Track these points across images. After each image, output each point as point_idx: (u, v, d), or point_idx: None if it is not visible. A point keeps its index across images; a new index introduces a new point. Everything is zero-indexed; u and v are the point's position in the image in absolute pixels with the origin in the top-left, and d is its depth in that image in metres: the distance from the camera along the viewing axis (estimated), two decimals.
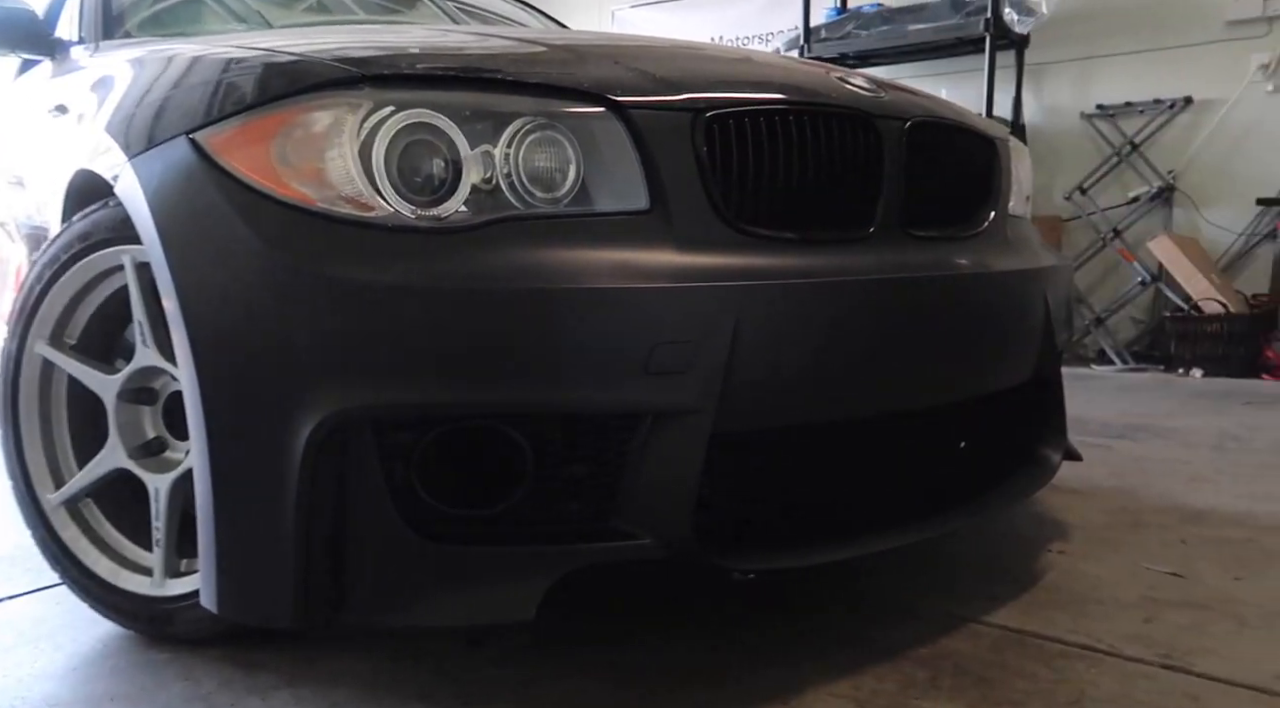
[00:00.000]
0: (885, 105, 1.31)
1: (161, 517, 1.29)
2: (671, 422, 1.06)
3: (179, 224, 1.09)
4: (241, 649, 1.28)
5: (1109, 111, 4.64)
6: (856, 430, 1.32)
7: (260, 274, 1.03)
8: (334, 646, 1.30)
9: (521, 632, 1.33)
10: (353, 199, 1.06)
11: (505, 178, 1.09)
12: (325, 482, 1.02)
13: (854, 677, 1.20)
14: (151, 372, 1.32)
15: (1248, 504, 1.98)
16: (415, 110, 1.07)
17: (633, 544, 1.07)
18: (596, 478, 1.09)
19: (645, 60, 1.26)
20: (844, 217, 1.27)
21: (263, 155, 1.08)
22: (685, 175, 1.13)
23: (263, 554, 1.04)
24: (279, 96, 1.09)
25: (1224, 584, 1.52)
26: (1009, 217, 1.58)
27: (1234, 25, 4.35)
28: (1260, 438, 2.69)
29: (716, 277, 1.09)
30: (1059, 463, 1.54)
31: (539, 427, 1.07)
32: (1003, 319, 1.38)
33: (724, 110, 1.16)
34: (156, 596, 1.29)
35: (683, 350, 1.05)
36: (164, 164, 1.13)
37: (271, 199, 1.06)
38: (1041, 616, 1.39)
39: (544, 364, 1.02)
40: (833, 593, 1.48)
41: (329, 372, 1.01)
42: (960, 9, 4.53)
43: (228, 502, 1.05)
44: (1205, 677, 1.20)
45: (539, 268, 1.04)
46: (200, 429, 1.06)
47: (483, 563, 1.05)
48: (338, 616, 1.05)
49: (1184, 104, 4.47)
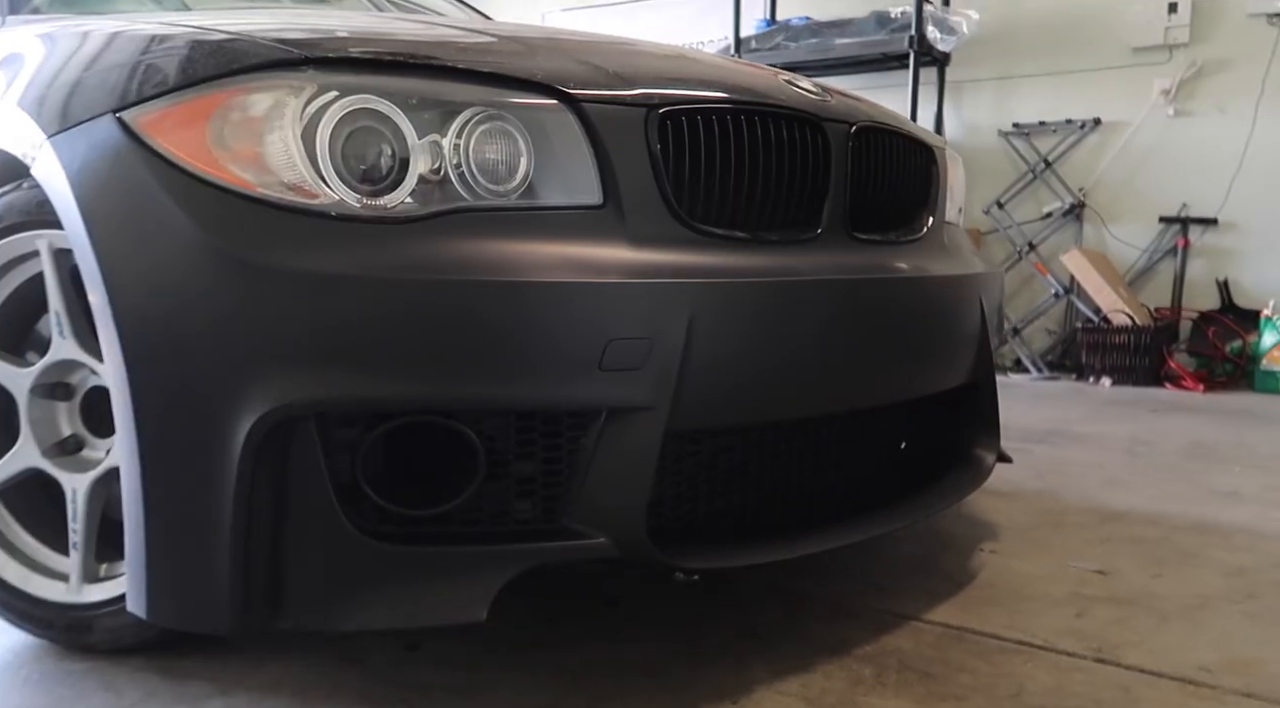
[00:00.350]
0: (832, 109, 1.33)
1: (79, 519, 1.22)
2: (626, 419, 1.05)
3: (106, 208, 1.03)
4: (167, 658, 1.21)
5: (1024, 130, 4.82)
6: (800, 430, 1.33)
7: (196, 262, 0.98)
8: (267, 652, 1.25)
9: (461, 635, 1.29)
10: (295, 186, 1.02)
11: (455, 169, 1.06)
12: (265, 480, 0.98)
13: (801, 674, 1.21)
14: (69, 365, 1.25)
15: (1160, 505, 2.07)
16: (361, 96, 1.04)
17: (586, 543, 1.05)
18: (549, 476, 1.07)
19: (597, 55, 1.24)
20: (791, 217, 1.28)
21: (197, 137, 1.03)
22: (639, 171, 1.13)
23: (198, 557, 0.98)
24: (216, 76, 1.04)
25: (1145, 581, 1.58)
26: (945, 223, 1.62)
27: (1139, 52, 4.57)
28: (1167, 443, 2.81)
29: (671, 274, 1.09)
30: (993, 465, 1.58)
31: (490, 423, 1.04)
32: (943, 322, 1.41)
33: (677, 107, 1.16)
34: (73, 603, 1.22)
35: (638, 347, 1.04)
36: (88, 144, 1.07)
37: (207, 183, 1.01)
38: (978, 613, 1.42)
39: (496, 359, 1.00)
40: (773, 593, 1.48)
41: (271, 365, 0.96)
42: (885, 25, 4.65)
43: (160, 502, 0.99)
44: (1134, 669, 1.24)
45: (491, 261, 1.02)
46: (129, 426, 1.00)
47: (431, 564, 1.01)
48: (276, 620, 1.01)
49: (1093, 125, 4.68)
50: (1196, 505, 2.07)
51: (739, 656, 1.26)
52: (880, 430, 1.46)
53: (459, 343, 0.99)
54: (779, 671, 1.22)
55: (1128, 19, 4.55)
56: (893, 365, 1.33)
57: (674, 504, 1.20)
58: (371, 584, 1.01)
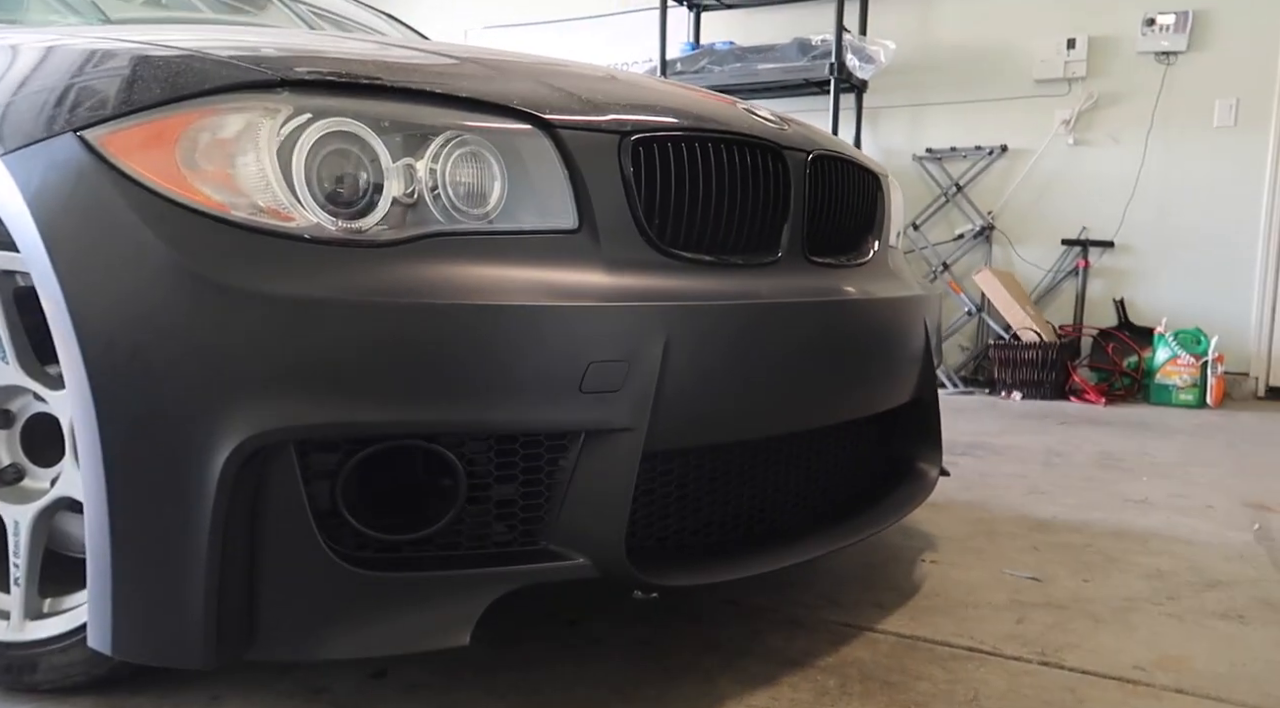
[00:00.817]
0: (791, 137, 1.38)
1: (22, 553, 1.16)
2: (605, 440, 1.07)
3: (69, 230, 0.99)
4: (119, 695, 1.17)
5: (937, 155, 5.03)
6: (763, 448, 1.36)
7: (167, 285, 0.96)
8: (224, 686, 1.21)
9: (426, 660, 1.28)
10: (270, 208, 1.00)
11: (430, 192, 1.06)
12: (242, 508, 0.95)
13: (768, 688, 1.24)
14: (10, 391, 1.19)
15: (1081, 513, 2.19)
16: (337, 118, 1.03)
17: (567, 565, 1.06)
18: (529, 498, 1.07)
19: (564, 79, 1.26)
20: (753, 242, 1.32)
21: (166, 157, 1.00)
22: (612, 196, 1.15)
23: (168, 589, 0.95)
24: (187, 96, 1.02)
25: (1076, 586, 1.67)
26: (889, 247, 1.69)
27: (1041, 83, 4.84)
28: (1079, 454, 2.97)
29: (646, 297, 1.11)
30: (937, 478, 1.65)
31: (471, 446, 1.04)
32: (894, 342, 1.47)
33: (648, 133, 1.19)
34: (16, 640, 1.16)
35: (617, 369, 1.06)
36: (47, 163, 1.03)
37: (178, 205, 0.99)
38: (927, 622, 1.48)
39: (479, 383, 1.00)
40: (729, 608, 1.51)
41: (248, 391, 0.94)
42: (807, 52, 4.80)
43: (127, 534, 0.96)
44: (1077, 670, 1.31)
45: (470, 284, 1.02)
46: (95, 454, 0.96)
47: (413, 589, 1.01)
48: (251, 650, 0.98)
49: (1000, 151, 4.92)
50: (1113, 513, 2.20)
51: (705, 672, 1.29)
52: (835, 447, 1.51)
53: (440, 367, 0.99)
54: (746, 685, 1.25)
55: (1030, 52, 4.82)
56: (850, 384, 1.38)
57: (646, 524, 1.21)
58: (350, 611, 1.00)
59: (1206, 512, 2.23)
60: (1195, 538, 1.99)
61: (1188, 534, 2.02)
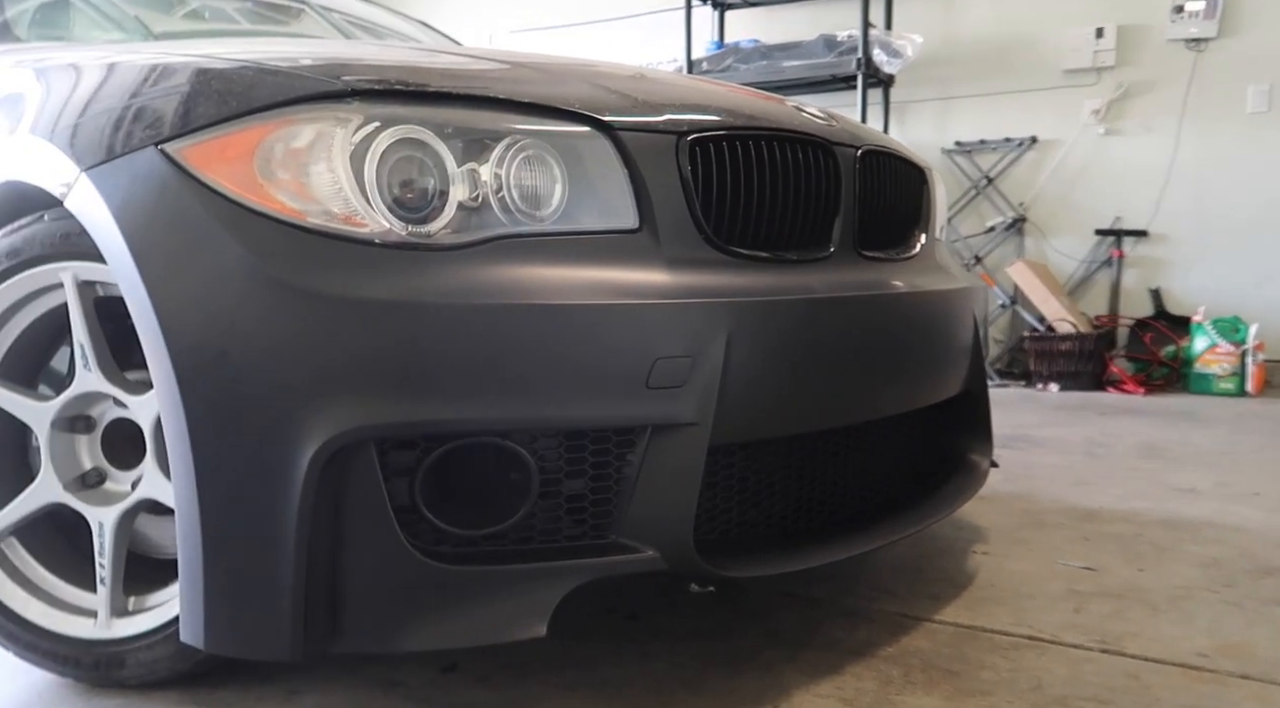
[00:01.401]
0: (840, 134, 1.39)
1: (107, 553, 1.20)
2: (672, 435, 1.09)
3: (155, 240, 1.03)
4: (202, 690, 1.20)
5: (966, 148, 5.01)
6: (822, 441, 1.38)
7: (250, 291, 0.99)
8: (301, 680, 1.24)
9: (495, 654, 1.31)
10: (343, 215, 1.03)
11: (495, 195, 1.09)
12: (326, 505, 0.99)
13: (833, 677, 1.25)
14: (91, 397, 1.23)
15: (1128, 503, 2.18)
16: (405, 126, 1.06)
17: (637, 557, 1.08)
18: (598, 493, 1.10)
19: (617, 82, 1.29)
20: (806, 238, 1.33)
21: (244, 168, 1.04)
22: (671, 195, 1.17)
23: (258, 585, 0.99)
24: (262, 108, 1.05)
25: (1131, 575, 1.67)
26: (935, 240, 1.70)
27: (1070, 74, 4.80)
28: (1121, 444, 2.96)
29: (707, 294, 1.13)
30: (988, 469, 1.66)
31: (542, 443, 1.07)
32: (945, 335, 1.48)
33: (705, 133, 1.21)
34: (103, 638, 1.20)
35: (682, 365, 1.08)
36: (131, 177, 1.06)
37: (257, 213, 1.02)
38: (984, 612, 1.49)
39: (547, 380, 1.03)
40: (788, 600, 1.53)
41: (331, 391, 0.98)
42: (833, 48, 4.80)
43: (218, 532, 0.99)
44: (1139, 658, 1.32)
45: (536, 285, 1.05)
46: (185, 456, 1.00)
47: (491, 582, 1.03)
48: (336, 643, 1.01)
49: (1030, 143, 4.89)
50: (1161, 502, 2.19)
51: (769, 663, 1.30)
52: (890, 440, 1.52)
53: (510, 366, 1.02)
54: (810, 675, 1.26)
55: (1058, 43, 4.79)
56: (902, 376, 1.39)
57: (710, 516, 1.23)
58: (430, 604, 1.02)
59: (1255, 499, 2.22)
60: (1246, 525, 1.98)
61: (1238, 522, 2.01)
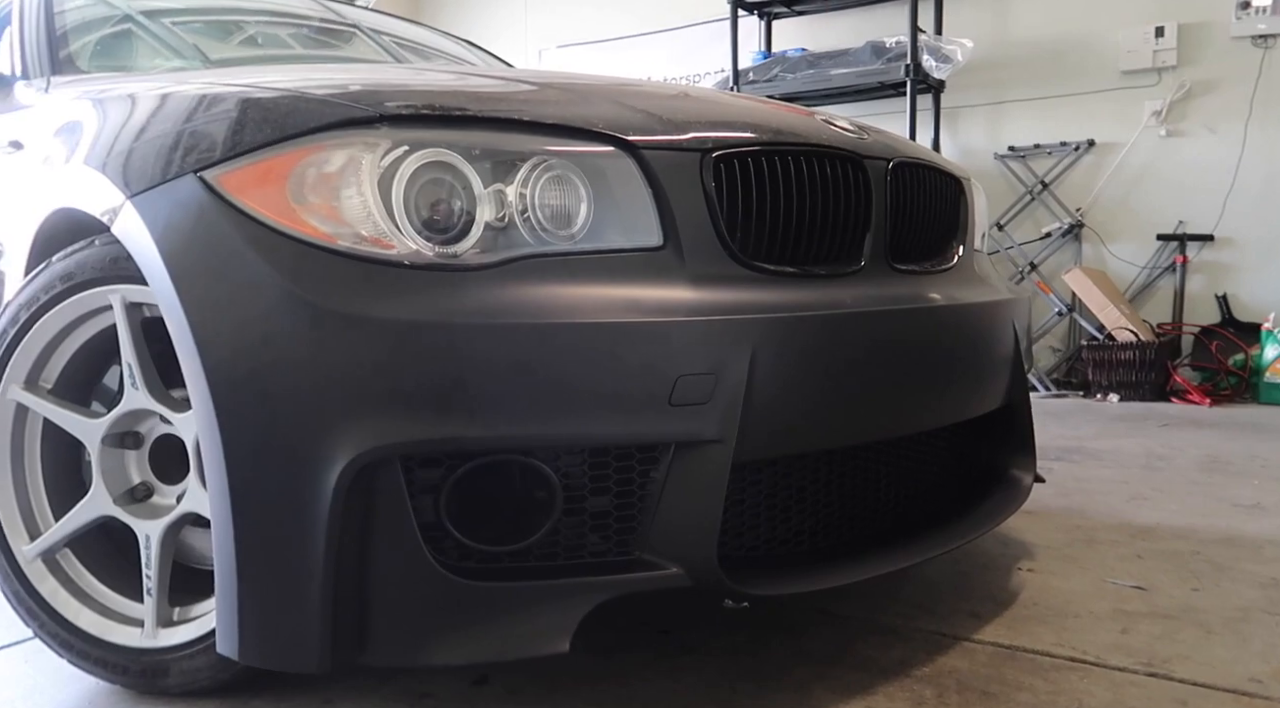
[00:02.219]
0: (871, 146, 1.38)
1: (153, 565, 1.24)
2: (695, 452, 1.09)
3: (192, 263, 1.07)
4: (240, 698, 1.24)
5: (1020, 153, 4.91)
6: (853, 457, 1.37)
7: (281, 313, 1.02)
8: (336, 691, 1.27)
9: (526, 669, 1.32)
10: (372, 237, 1.06)
11: (520, 216, 1.11)
12: (354, 521, 1.01)
13: (865, 697, 1.24)
14: (140, 414, 1.28)
15: (1186, 519, 2.11)
16: (432, 149, 1.09)
17: (661, 574, 1.08)
18: (622, 510, 1.10)
19: (645, 100, 1.30)
20: (836, 252, 1.32)
21: (277, 193, 1.07)
22: (695, 213, 1.17)
23: (288, 598, 1.01)
24: (295, 135, 1.09)
25: (1184, 595, 1.62)
26: (974, 251, 1.67)
27: (1129, 74, 4.68)
28: (1182, 457, 2.86)
29: (731, 310, 1.13)
30: (1031, 485, 1.62)
31: (566, 460, 1.08)
32: (981, 348, 1.46)
33: (730, 150, 1.21)
34: (149, 647, 1.24)
35: (705, 382, 1.08)
36: (171, 203, 1.11)
37: (290, 237, 1.05)
38: (1026, 631, 1.45)
39: (571, 398, 1.04)
40: (821, 618, 1.51)
41: (358, 410, 1.00)
42: (881, 55, 4.75)
43: (251, 546, 1.03)
44: (1187, 682, 1.27)
45: (561, 304, 1.06)
46: (220, 472, 1.03)
47: (515, 598, 1.04)
48: (364, 656, 1.03)
49: (1087, 146, 4.77)
50: (1221, 519, 2.11)
51: (800, 681, 1.29)
52: (927, 455, 1.50)
53: (535, 384, 1.03)
54: (842, 694, 1.25)
55: (1116, 43, 4.67)
56: (937, 392, 1.37)
57: (737, 533, 1.23)
58: (455, 620, 1.04)
59: None
60: None
61: None
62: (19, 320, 1.31)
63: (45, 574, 1.31)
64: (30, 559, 1.31)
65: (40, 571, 1.31)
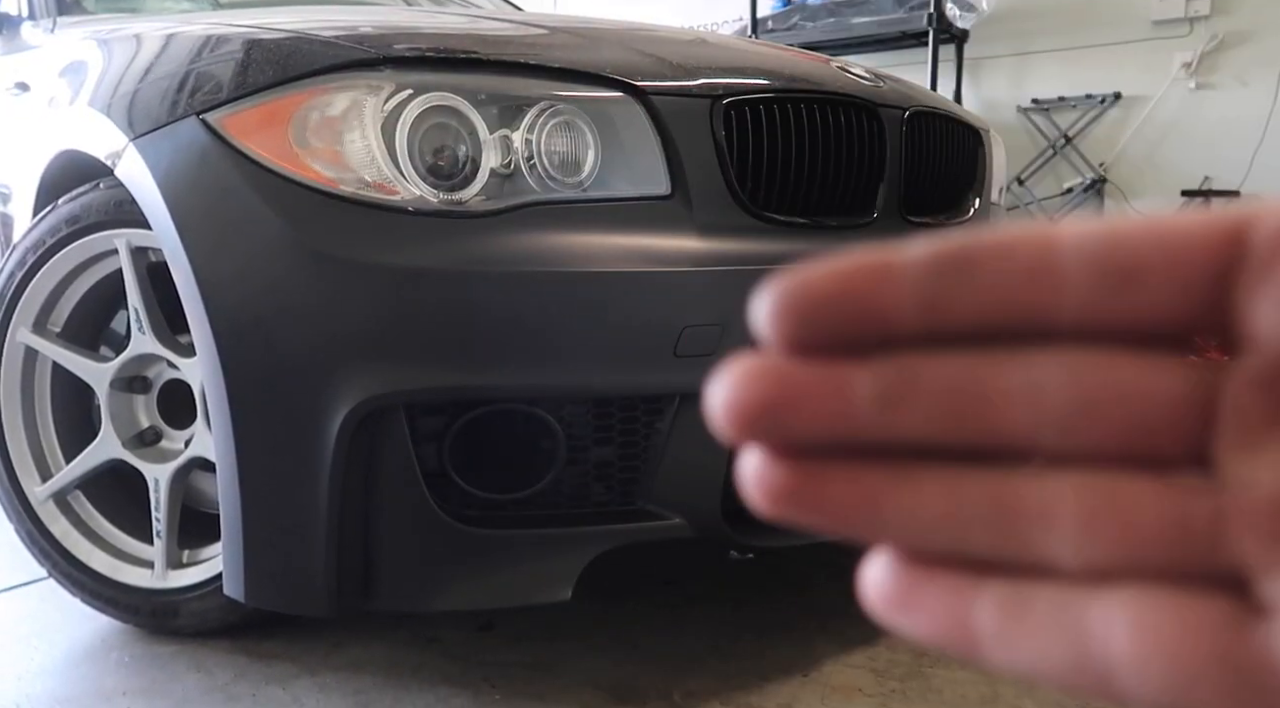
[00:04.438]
0: (886, 94, 1.35)
1: (162, 508, 1.26)
2: (700, 404, 1.08)
3: (194, 207, 1.06)
4: (251, 639, 1.26)
5: (1043, 106, 4.80)
6: None
7: (284, 258, 1.02)
8: (345, 634, 1.29)
9: (531, 615, 1.33)
10: (375, 182, 1.04)
11: (526, 162, 1.09)
12: (357, 468, 1.01)
13: (866, 648, 1.24)
14: (147, 359, 1.28)
15: None
16: (436, 93, 1.06)
17: (663, 524, 1.08)
18: (626, 460, 1.10)
19: (657, 46, 1.27)
20: (848, 202, 1.30)
21: (280, 136, 1.06)
22: (705, 161, 1.15)
23: (294, 543, 1.02)
24: (297, 77, 1.07)
25: None
26: (991, 204, 1.64)
27: (1159, 25, 4.54)
28: None
29: (739, 261, 1.11)
30: None
31: (569, 409, 1.08)
32: None
33: (741, 97, 1.18)
34: (159, 588, 1.26)
35: (710, 334, 1.07)
36: (173, 145, 1.10)
37: (292, 181, 1.04)
38: None
39: (575, 348, 1.03)
40: (828, 570, 1.52)
41: (361, 356, 1.00)
42: (904, 4, 4.63)
43: (256, 491, 1.03)
44: None
45: (566, 252, 1.05)
46: (225, 418, 1.03)
47: (517, 546, 1.05)
48: (369, 601, 1.04)
49: (1113, 99, 4.66)
50: None
51: (804, 632, 1.30)
52: None
53: (538, 333, 1.02)
54: (844, 645, 1.26)
55: None
56: None
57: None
58: (459, 566, 1.05)
59: None
60: None
61: None
62: (26, 264, 1.31)
63: (57, 515, 1.33)
64: (42, 500, 1.33)
65: (52, 511, 1.33)
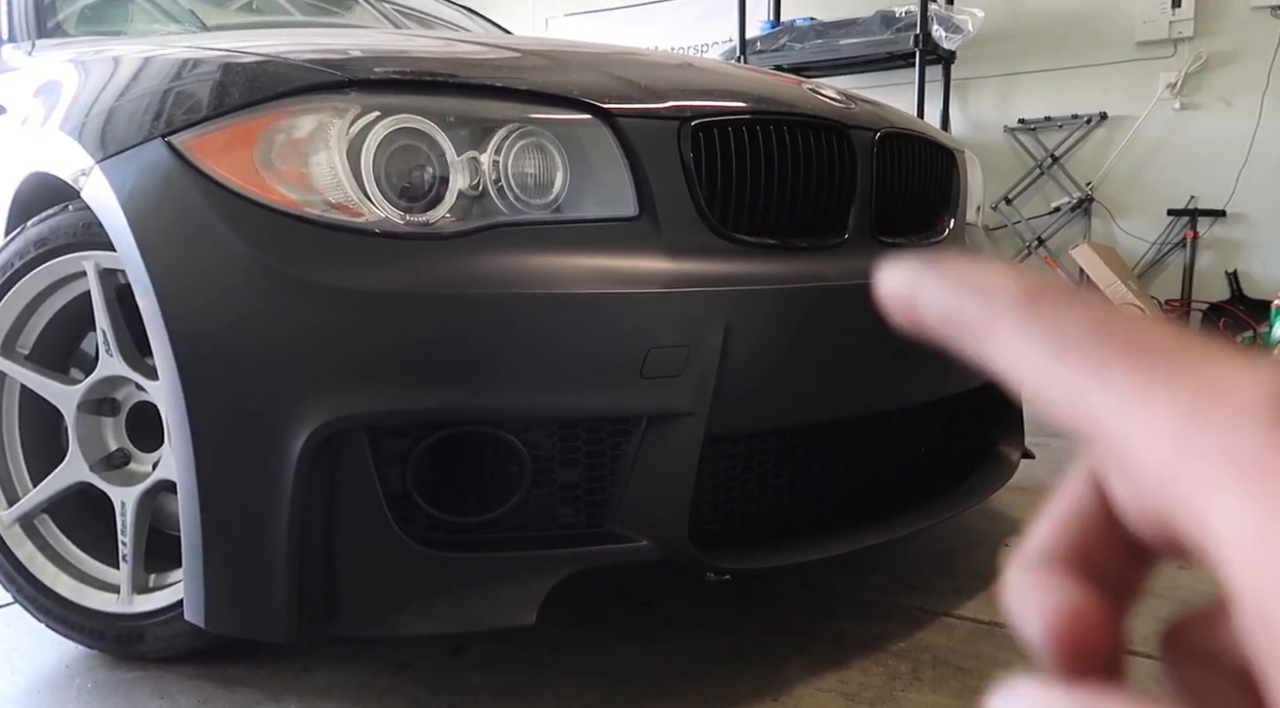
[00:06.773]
0: (857, 116, 1.35)
1: (129, 531, 1.25)
2: (666, 425, 1.08)
3: (158, 229, 1.06)
4: (217, 665, 1.24)
5: (1030, 126, 4.84)
6: (832, 431, 1.35)
7: (247, 280, 1.01)
8: (312, 658, 1.27)
9: (503, 638, 1.32)
10: (340, 205, 1.04)
11: (494, 184, 1.09)
12: (319, 491, 1.00)
13: (838, 671, 1.23)
14: (115, 381, 1.27)
15: None
16: (403, 116, 1.07)
17: (630, 547, 1.08)
18: (592, 482, 1.09)
19: (627, 68, 1.27)
20: (819, 223, 1.30)
21: (245, 159, 1.06)
22: (672, 183, 1.15)
23: (254, 567, 1.01)
24: (262, 99, 1.07)
25: (1171, 572, 1.60)
26: (966, 224, 1.64)
27: (1143, 46, 4.58)
28: None
29: (706, 282, 1.11)
30: (1018, 461, 1.60)
31: (535, 431, 1.07)
32: None
33: (709, 119, 1.19)
34: (124, 613, 1.25)
35: (677, 355, 1.07)
36: (138, 168, 1.10)
37: (256, 203, 1.04)
38: None
39: (541, 370, 1.03)
40: (804, 592, 1.51)
41: (322, 379, 0.99)
42: (891, 25, 4.67)
43: (216, 515, 1.02)
44: None
45: (532, 274, 1.05)
46: (185, 441, 1.03)
47: (481, 569, 1.04)
48: (331, 627, 1.03)
49: (1099, 119, 4.69)
50: None
51: (776, 654, 1.29)
52: (909, 430, 1.48)
53: (504, 355, 1.02)
54: (816, 668, 1.24)
55: (1131, 13, 4.57)
56: (921, 367, 1.35)
57: (712, 506, 1.22)
58: (422, 591, 1.04)
59: None
60: None
61: None
62: None
63: (23, 539, 1.31)
64: (8, 524, 1.31)
65: (18, 535, 1.31)
